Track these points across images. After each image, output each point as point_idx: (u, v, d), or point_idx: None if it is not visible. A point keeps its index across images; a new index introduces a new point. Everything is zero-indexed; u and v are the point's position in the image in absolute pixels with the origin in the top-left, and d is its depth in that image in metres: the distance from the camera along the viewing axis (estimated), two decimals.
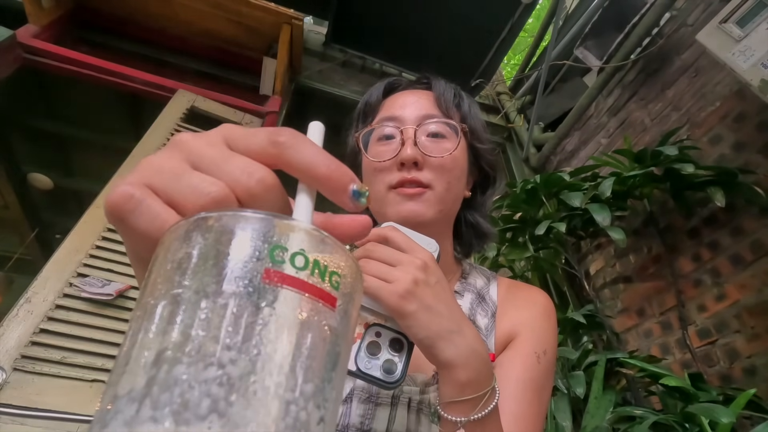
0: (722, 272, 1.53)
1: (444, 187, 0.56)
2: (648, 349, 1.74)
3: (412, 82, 0.67)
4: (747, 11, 1.40)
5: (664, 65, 2.05)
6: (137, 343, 0.16)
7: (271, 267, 0.17)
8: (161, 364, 0.15)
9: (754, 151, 1.52)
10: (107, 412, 0.15)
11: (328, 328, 0.17)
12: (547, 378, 0.54)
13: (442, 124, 0.58)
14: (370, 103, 0.66)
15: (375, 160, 0.57)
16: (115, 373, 0.16)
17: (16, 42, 1.93)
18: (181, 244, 0.17)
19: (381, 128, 0.59)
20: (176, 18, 2.35)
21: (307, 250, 0.18)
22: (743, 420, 1.21)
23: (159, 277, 0.17)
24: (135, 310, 0.17)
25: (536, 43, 3.21)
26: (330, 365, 0.17)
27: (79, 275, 1.42)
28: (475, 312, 0.59)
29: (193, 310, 0.16)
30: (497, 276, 0.67)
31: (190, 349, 0.15)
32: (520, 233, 1.96)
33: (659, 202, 1.82)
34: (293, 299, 0.17)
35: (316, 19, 3.09)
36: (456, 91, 0.64)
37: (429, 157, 0.56)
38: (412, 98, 0.61)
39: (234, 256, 0.17)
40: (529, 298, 0.61)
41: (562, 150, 2.67)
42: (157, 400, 0.14)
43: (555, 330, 0.59)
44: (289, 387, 0.15)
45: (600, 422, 1.28)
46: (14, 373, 1.21)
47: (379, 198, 0.57)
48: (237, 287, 0.16)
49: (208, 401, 0.14)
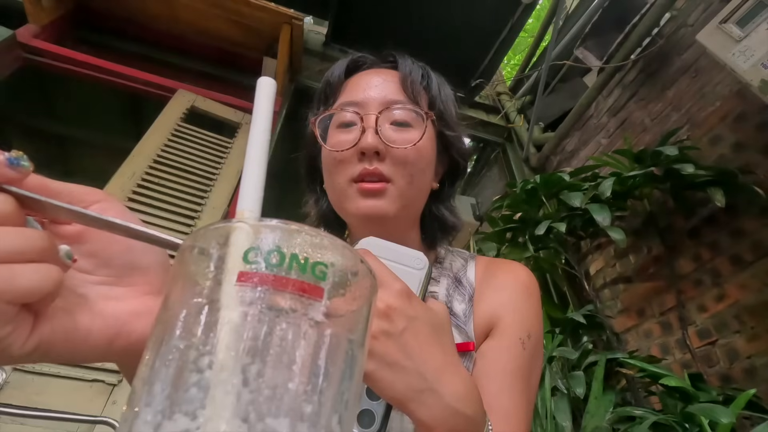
0: (722, 272, 1.53)
1: (406, 181, 0.52)
2: (648, 349, 1.74)
3: (377, 61, 0.61)
4: (747, 11, 1.40)
5: (664, 65, 2.05)
6: (160, 348, 0.17)
7: (246, 269, 0.17)
8: (182, 368, 0.16)
9: (754, 151, 1.52)
10: (135, 414, 0.15)
11: (316, 319, 0.17)
12: (534, 362, 0.51)
13: (407, 111, 0.54)
14: (331, 82, 0.60)
15: (333, 150, 0.53)
16: (140, 377, 0.17)
17: (16, 42, 1.93)
18: (183, 258, 0.19)
19: (341, 114, 0.54)
20: (176, 18, 2.35)
21: (283, 246, 0.18)
22: (743, 420, 1.21)
23: (171, 289, 0.19)
24: (156, 322, 0.19)
25: (536, 43, 3.21)
26: (327, 355, 0.17)
27: None
28: (452, 298, 0.55)
29: (176, 321, 0.17)
30: (476, 256, 0.62)
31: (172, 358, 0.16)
32: (520, 233, 1.96)
33: (659, 202, 1.82)
34: (272, 296, 0.17)
35: (316, 19, 3.09)
36: (424, 71, 0.59)
37: (391, 147, 0.51)
38: (376, 80, 0.56)
39: (213, 266, 0.18)
40: (508, 276, 0.57)
41: (562, 150, 2.67)
42: (182, 403, 0.15)
43: (538, 308, 0.55)
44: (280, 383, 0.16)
45: (600, 422, 1.28)
46: (14, 373, 1.21)
47: (340, 190, 0.53)
48: (214, 295, 0.17)
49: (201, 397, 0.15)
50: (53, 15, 2.16)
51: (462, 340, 0.51)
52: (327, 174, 0.56)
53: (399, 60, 0.60)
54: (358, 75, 0.59)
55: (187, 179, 1.85)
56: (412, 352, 0.31)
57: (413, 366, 0.31)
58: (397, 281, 0.33)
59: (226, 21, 2.33)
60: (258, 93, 0.26)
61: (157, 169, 1.81)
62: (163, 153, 1.86)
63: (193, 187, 1.84)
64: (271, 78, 0.27)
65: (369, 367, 0.30)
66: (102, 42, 2.43)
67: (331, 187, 0.56)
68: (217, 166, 1.96)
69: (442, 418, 0.31)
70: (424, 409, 0.31)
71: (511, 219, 2.01)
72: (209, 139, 2.03)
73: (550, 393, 1.44)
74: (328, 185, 0.57)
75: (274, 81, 0.27)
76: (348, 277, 0.19)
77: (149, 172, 1.78)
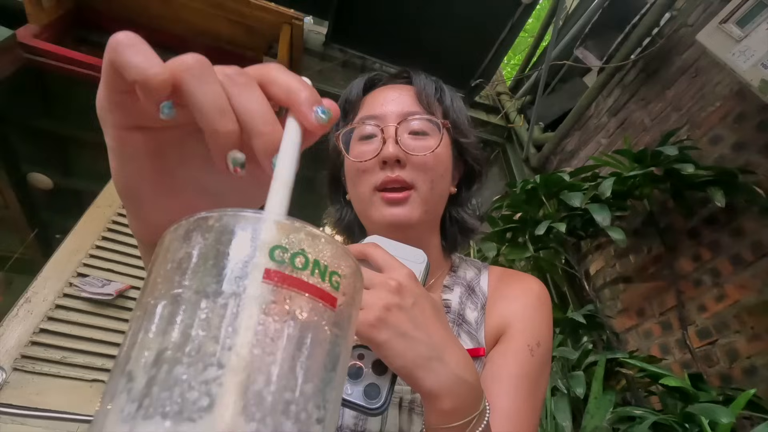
0: (722, 272, 1.53)
1: (428, 186, 0.55)
2: (648, 349, 1.74)
3: (392, 77, 0.65)
4: (747, 11, 1.40)
5: (664, 65, 2.05)
6: (137, 342, 0.16)
7: (272, 267, 0.16)
8: (161, 364, 0.15)
9: (754, 151, 1.52)
10: (107, 411, 0.15)
11: (328, 328, 0.17)
12: (542, 371, 0.52)
13: (423, 121, 0.57)
14: (350, 100, 0.64)
15: (357, 161, 0.56)
16: (115, 373, 0.16)
17: (16, 42, 1.93)
18: (181, 244, 0.17)
19: (362, 127, 0.58)
20: (176, 18, 2.35)
21: (308, 250, 0.18)
22: (743, 420, 1.21)
23: (159, 276, 0.17)
24: (135, 309, 0.17)
25: (536, 43, 3.21)
26: (330, 365, 0.17)
27: (79, 275, 1.42)
28: (465, 306, 0.57)
29: (193, 310, 0.16)
30: (489, 266, 0.65)
31: (190, 349, 0.15)
32: (520, 233, 1.96)
33: (659, 202, 1.82)
34: (294, 299, 0.17)
35: (316, 19, 3.09)
36: (437, 84, 0.63)
37: (411, 155, 0.55)
38: (393, 94, 0.60)
39: (234, 256, 0.17)
40: (521, 287, 0.59)
41: (562, 150, 2.67)
42: (157, 400, 0.14)
43: (549, 319, 0.57)
44: (290, 387, 0.15)
45: (600, 422, 1.28)
46: (14, 373, 1.21)
47: (364, 199, 0.56)
48: (237, 287, 0.16)
49: (207, 400, 0.14)
50: (53, 15, 2.16)
51: (473, 346, 0.53)
52: (351, 184, 0.60)
53: (413, 75, 0.63)
54: (376, 91, 0.63)
55: None
56: (421, 325, 0.35)
57: (422, 336, 0.34)
58: (404, 267, 0.37)
59: (226, 21, 2.33)
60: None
61: None
62: None
63: None
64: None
65: (382, 336, 0.33)
66: (102, 42, 2.42)
67: (355, 197, 0.59)
68: None
69: (447, 386, 0.34)
70: (433, 376, 0.34)
71: (511, 219, 2.01)
72: None
73: (550, 393, 1.44)
74: (353, 195, 0.60)
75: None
76: (351, 287, 0.19)
77: None
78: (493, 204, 2.15)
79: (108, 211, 1.60)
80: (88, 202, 1.65)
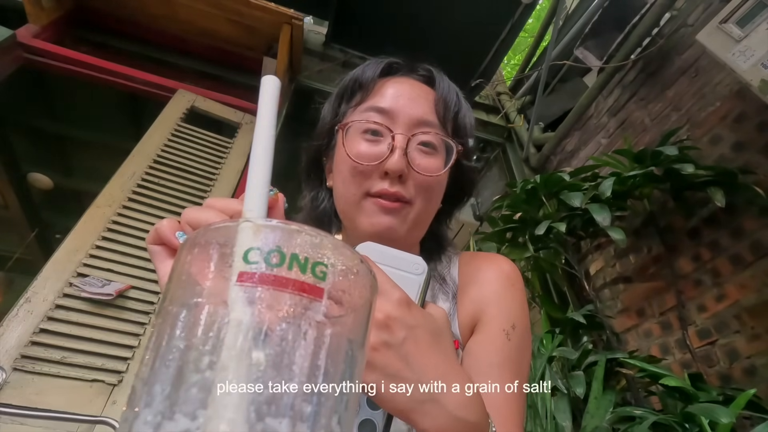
0: (722, 272, 1.53)
1: (424, 206, 0.52)
2: (648, 349, 1.74)
3: (412, 69, 0.60)
4: (747, 11, 1.40)
5: (664, 65, 2.05)
6: (160, 348, 0.17)
7: (245, 269, 0.17)
8: (182, 368, 0.16)
9: (754, 151, 1.52)
10: (135, 414, 0.15)
11: (315, 320, 0.17)
12: (522, 353, 0.51)
13: (437, 137, 0.53)
14: (362, 81, 0.57)
15: (356, 162, 0.51)
16: (139, 377, 0.17)
17: (16, 42, 1.93)
18: (182, 258, 0.19)
19: (369, 121, 0.53)
20: (176, 18, 2.35)
21: (283, 246, 0.18)
22: (743, 420, 1.21)
23: (171, 289, 0.19)
24: (156, 317, 0.19)
25: (536, 43, 3.21)
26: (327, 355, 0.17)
27: (79, 275, 1.42)
28: (436, 298, 0.55)
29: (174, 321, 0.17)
30: (461, 252, 0.62)
31: (178, 356, 0.16)
32: (520, 233, 1.96)
33: (659, 202, 1.82)
34: (274, 297, 0.17)
35: (316, 19, 3.09)
36: (458, 97, 0.59)
37: (416, 173, 0.51)
38: (410, 92, 0.55)
39: (214, 266, 0.18)
40: (490, 269, 0.56)
41: (562, 150, 2.67)
42: (182, 403, 0.15)
43: (522, 298, 0.54)
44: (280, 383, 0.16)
45: (600, 422, 1.28)
46: (14, 372, 1.21)
47: (353, 201, 0.52)
48: (217, 297, 0.17)
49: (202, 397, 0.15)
50: (53, 15, 2.16)
51: None
52: (341, 180, 0.54)
53: (436, 77, 0.59)
54: (392, 80, 0.57)
55: (187, 179, 1.85)
56: (413, 363, 0.31)
57: (415, 377, 0.31)
58: (395, 289, 0.32)
59: (226, 21, 2.33)
60: (262, 92, 0.26)
61: (157, 169, 1.81)
62: (163, 153, 1.86)
63: (193, 187, 1.84)
64: (274, 76, 0.27)
65: (370, 378, 0.30)
66: (102, 42, 2.43)
67: (342, 193, 0.54)
68: (217, 166, 1.96)
69: (446, 428, 0.31)
70: (428, 420, 0.31)
71: (511, 219, 2.01)
72: (209, 139, 2.03)
73: (550, 393, 1.44)
74: (339, 190, 0.55)
75: (278, 79, 0.27)
76: (348, 277, 0.19)
77: (149, 172, 1.78)
78: (493, 204, 2.14)
79: (108, 211, 1.60)
80: (88, 202, 1.65)
